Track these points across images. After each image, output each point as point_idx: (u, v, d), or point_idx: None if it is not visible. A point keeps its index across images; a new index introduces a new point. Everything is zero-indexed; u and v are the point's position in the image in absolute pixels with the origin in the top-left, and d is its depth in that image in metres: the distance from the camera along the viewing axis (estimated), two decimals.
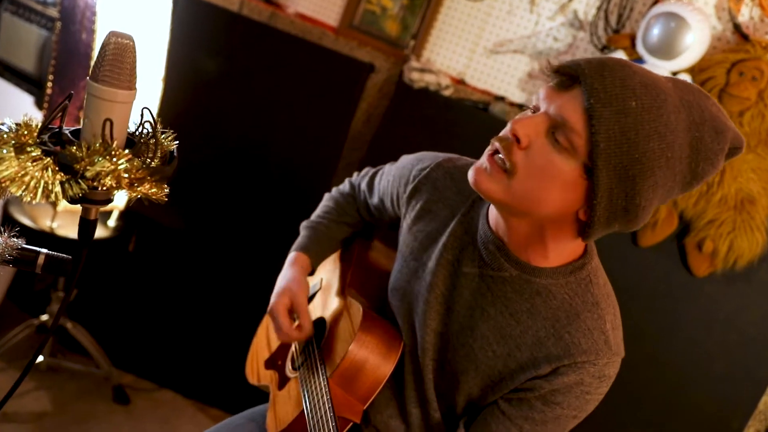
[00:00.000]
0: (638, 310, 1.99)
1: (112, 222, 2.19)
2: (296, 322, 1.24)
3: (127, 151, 0.73)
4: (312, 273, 1.35)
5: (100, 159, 0.71)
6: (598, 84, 0.85)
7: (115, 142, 0.73)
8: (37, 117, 1.04)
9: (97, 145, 0.72)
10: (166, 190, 0.79)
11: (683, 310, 1.96)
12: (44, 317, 2.22)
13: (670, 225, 1.89)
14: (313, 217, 1.40)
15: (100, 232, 2.13)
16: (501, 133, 0.96)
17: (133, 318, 2.43)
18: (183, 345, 2.41)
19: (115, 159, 0.72)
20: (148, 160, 0.77)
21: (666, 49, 1.84)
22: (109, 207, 2.18)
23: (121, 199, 2.13)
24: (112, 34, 0.73)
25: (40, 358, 2.29)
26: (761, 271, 1.88)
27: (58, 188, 0.72)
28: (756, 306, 1.92)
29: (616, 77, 0.86)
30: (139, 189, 0.75)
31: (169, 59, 2.00)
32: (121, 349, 2.40)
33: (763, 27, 1.96)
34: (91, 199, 0.75)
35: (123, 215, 2.24)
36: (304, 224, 1.39)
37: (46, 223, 2.07)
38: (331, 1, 2.37)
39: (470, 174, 0.97)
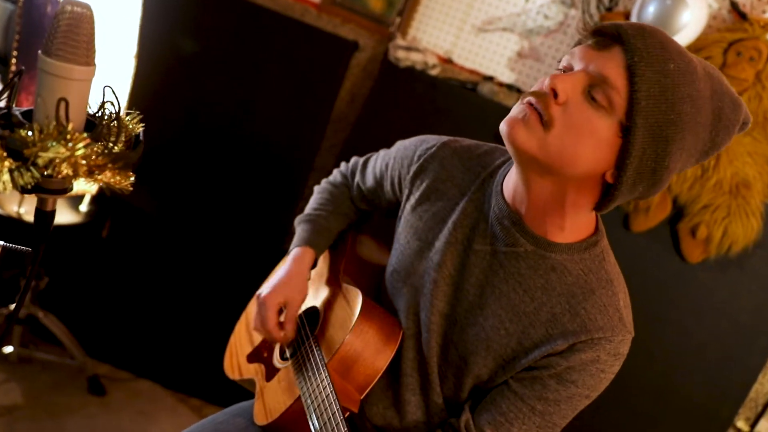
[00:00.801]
0: (630, 296, 1.94)
1: (84, 207, 2.10)
2: (282, 319, 1.20)
3: (85, 134, 0.65)
4: (314, 266, 1.31)
5: (54, 144, 0.63)
6: (641, 44, 0.87)
7: (71, 125, 0.64)
8: None
9: (51, 127, 0.64)
10: (132, 179, 0.71)
11: (676, 297, 1.92)
12: (14, 306, 2.12)
13: (664, 210, 1.84)
14: (309, 210, 1.36)
15: (72, 218, 2.04)
16: (535, 87, 0.94)
17: (108, 306, 2.34)
18: (161, 333, 2.34)
19: (71, 144, 0.64)
20: (111, 145, 0.69)
21: (662, 28, 1.77)
22: (80, 191, 2.08)
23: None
24: (67, 2, 0.65)
25: (10, 349, 2.20)
26: (755, 258, 1.85)
27: (6, 176, 0.64)
28: (749, 293, 1.88)
29: (656, 39, 0.88)
30: (99, 177, 0.67)
31: (141, 35, 1.89)
32: (97, 339, 2.32)
33: (760, 5, 1.90)
34: (46, 189, 0.67)
35: (96, 199, 2.14)
36: (300, 218, 1.35)
37: (12, 208, 1.98)
38: None
39: (504, 126, 0.95)
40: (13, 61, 1.73)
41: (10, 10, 1.99)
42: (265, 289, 1.22)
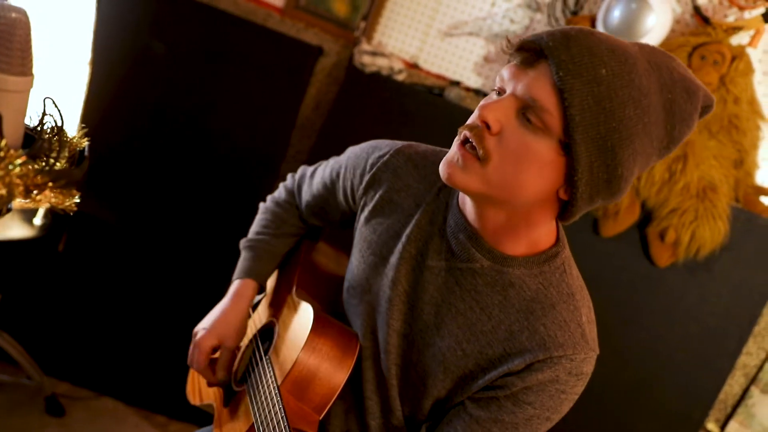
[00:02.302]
0: (599, 301, 1.90)
1: (38, 220, 2.01)
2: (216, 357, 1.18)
3: (21, 151, 0.60)
4: (260, 292, 1.26)
5: None
6: (565, 55, 0.81)
7: (5, 141, 0.59)
8: None
9: None
10: (76, 198, 0.66)
11: (645, 301, 1.92)
12: None
13: (632, 214, 1.83)
14: (251, 234, 1.29)
15: (25, 232, 1.95)
16: (469, 121, 0.89)
17: (66, 322, 2.25)
18: (122, 349, 2.26)
19: (5, 161, 0.58)
20: (52, 161, 0.64)
21: (627, 32, 1.77)
22: (33, 203, 2.00)
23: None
24: None
25: None
26: (723, 261, 1.86)
27: None
28: (716, 296, 1.89)
29: (583, 46, 0.81)
30: (38, 198, 0.62)
31: (96, 41, 1.82)
32: (54, 357, 2.23)
33: (722, 9, 1.91)
34: None
35: (51, 212, 2.06)
36: (243, 243, 1.28)
37: None
38: None
39: (442, 169, 0.91)
40: None
41: None
42: (200, 329, 1.17)
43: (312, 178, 1.24)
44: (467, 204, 0.98)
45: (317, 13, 2.23)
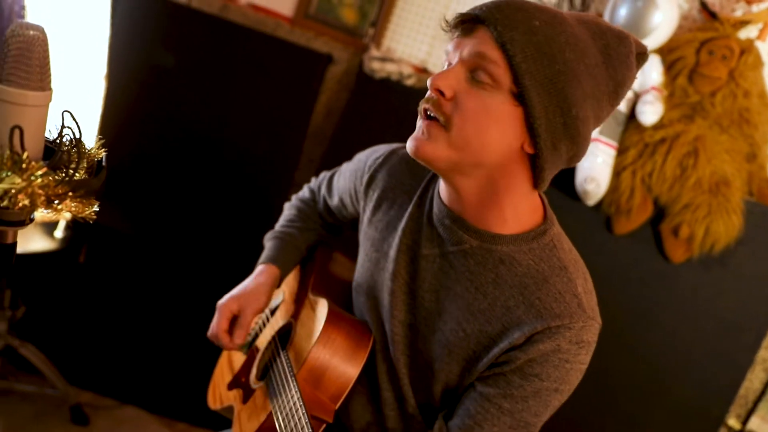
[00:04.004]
0: (614, 299, 1.93)
1: (59, 233, 2.06)
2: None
3: (42, 163, 0.63)
4: (279, 284, 1.31)
5: (8, 174, 0.60)
6: (498, 14, 0.88)
7: (26, 153, 0.62)
8: None
9: (5, 157, 0.61)
10: (95, 206, 0.68)
11: (660, 298, 1.91)
12: None
13: (645, 211, 1.83)
14: (277, 227, 1.37)
15: (47, 245, 1.99)
16: (426, 96, 0.95)
17: (88, 333, 2.29)
18: (144, 358, 2.29)
19: (27, 173, 0.61)
20: (72, 172, 0.67)
21: (634, 30, 1.77)
22: (53, 216, 2.04)
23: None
24: (17, 25, 0.62)
25: None
26: (738, 255, 1.85)
27: None
28: (733, 291, 1.88)
29: (512, 7, 0.90)
30: (59, 207, 0.64)
31: (111, 56, 1.86)
32: (78, 367, 2.27)
33: (729, 4, 1.91)
34: (4, 221, 0.65)
35: (71, 224, 2.10)
36: (268, 235, 1.36)
37: None
38: None
39: (409, 145, 0.96)
40: None
41: None
42: (223, 298, 1.23)
43: (330, 183, 1.32)
44: (444, 189, 1.02)
45: (326, 22, 2.26)
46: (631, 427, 2.00)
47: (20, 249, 1.86)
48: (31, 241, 1.95)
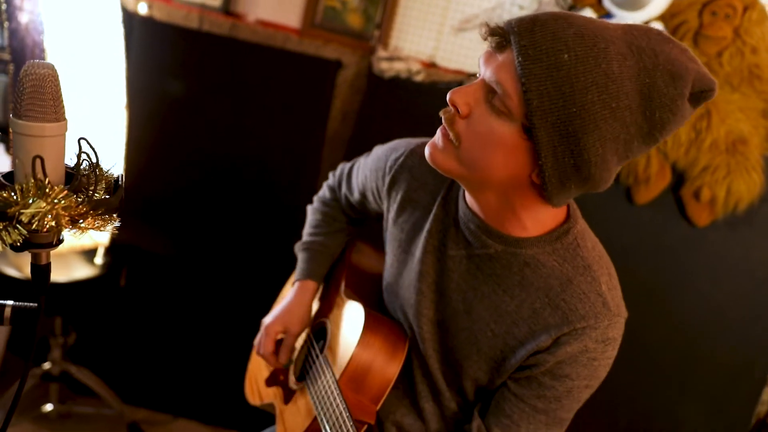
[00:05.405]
0: (644, 269, 1.94)
1: (99, 259, 2.15)
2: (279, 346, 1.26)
3: (62, 186, 0.69)
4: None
5: (34, 199, 0.67)
6: (527, 41, 0.82)
7: (48, 179, 0.68)
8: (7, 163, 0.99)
9: (30, 184, 0.67)
10: (116, 222, 0.74)
11: (690, 263, 1.91)
12: (47, 365, 2.18)
13: (664, 178, 1.83)
14: (304, 236, 1.39)
15: (89, 272, 2.09)
16: (445, 108, 0.95)
17: (137, 352, 2.39)
18: (192, 371, 2.38)
19: (51, 197, 0.67)
20: (91, 193, 0.73)
21: (633, 0, 1.78)
22: (92, 244, 2.13)
23: (104, 235, 2.09)
24: (29, 65, 0.68)
25: (50, 407, 2.25)
26: (762, 212, 1.83)
27: None
28: (762, 247, 1.87)
29: (547, 31, 0.82)
30: (83, 225, 0.71)
31: (129, 86, 1.94)
32: (130, 386, 2.36)
33: None
34: (36, 244, 0.71)
35: (109, 250, 2.20)
36: (298, 246, 1.38)
37: (27, 271, 2.03)
38: (290, 2, 2.31)
39: (426, 151, 0.97)
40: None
41: (5, 82, 2.06)
42: (268, 318, 1.27)
43: (349, 180, 1.33)
44: (467, 194, 1.03)
45: (333, 29, 2.31)
46: (678, 395, 2.00)
47: (64, 278, 1.97)
48: (73, 270, 2.05)
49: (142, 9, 2.18)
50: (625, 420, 2.00)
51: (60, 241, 0.74)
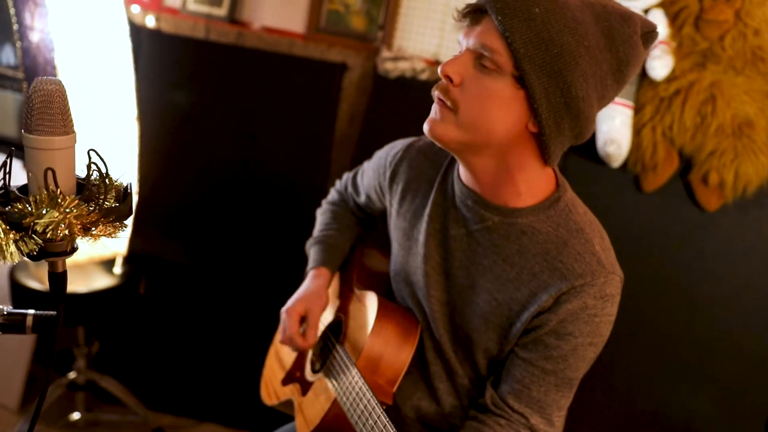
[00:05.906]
0: (656, 256, 1.94)
1: (117, 269, 2.20)
2: (303, 331, 1.28)
3: (73, 196, 0.72)
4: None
5: (48, 210, 0.70)
6: (500, 3, 0.94)
7: (60, 190, 0.71)
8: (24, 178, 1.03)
9: (43, 196, 0.71)
10: (126, 229, 0.78)
11: (702, 248, 1.90)
12: (72, 374, 2.23)
13: (671, 164, 1.83)
14: (316, 233, 1.45)
15: (109, 281, 2.13)
16: (438, 83, 1.02)
17: (159, 358, 2.43)
18: (213, 375, 2.41)
19: (63, 207, 0.70)
20: (101, 202, 0.76)
21: None
22: (110, 254, 2.18)
23: (121, 245, 2.13)
24: (37, 81, 0.72)
25: (78, 415, 2.30)
26: None
27: (12, 247, 0.70)
28: None
29: None
30: (95, 233, 0.74)
31: (140, 98, 1.99)
32: (154, 392, 2.41)
33: None
34: (51, 252, 0.74)
35: (128, 260, 2.24)
36: (309, 243, 1.44)
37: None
38: (294, 8, 2.35)
39: (425, 127, 1.04)
40: None
41: (20, 100, 2.12)
42: (287, 305, 1.31)
43: (355, 183, 1.42)
44: (462, 171, 1.10)
45: (337, 32, 2.34)
46: (700, 380, 1.99)
47: (85, 288, 2.01)
48: (93, 280, 2.10)
49: (150, 22, 2.23)
50: (640, 408, 2.00)
51: (74, 249, 0.77)
